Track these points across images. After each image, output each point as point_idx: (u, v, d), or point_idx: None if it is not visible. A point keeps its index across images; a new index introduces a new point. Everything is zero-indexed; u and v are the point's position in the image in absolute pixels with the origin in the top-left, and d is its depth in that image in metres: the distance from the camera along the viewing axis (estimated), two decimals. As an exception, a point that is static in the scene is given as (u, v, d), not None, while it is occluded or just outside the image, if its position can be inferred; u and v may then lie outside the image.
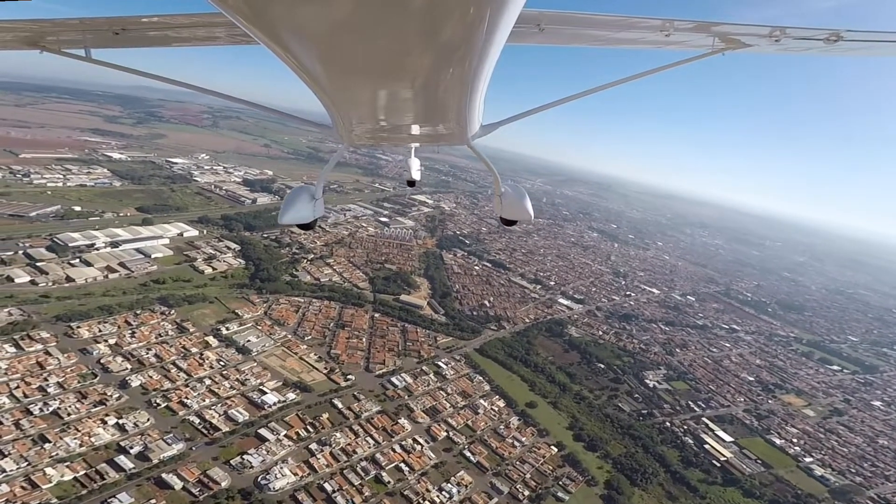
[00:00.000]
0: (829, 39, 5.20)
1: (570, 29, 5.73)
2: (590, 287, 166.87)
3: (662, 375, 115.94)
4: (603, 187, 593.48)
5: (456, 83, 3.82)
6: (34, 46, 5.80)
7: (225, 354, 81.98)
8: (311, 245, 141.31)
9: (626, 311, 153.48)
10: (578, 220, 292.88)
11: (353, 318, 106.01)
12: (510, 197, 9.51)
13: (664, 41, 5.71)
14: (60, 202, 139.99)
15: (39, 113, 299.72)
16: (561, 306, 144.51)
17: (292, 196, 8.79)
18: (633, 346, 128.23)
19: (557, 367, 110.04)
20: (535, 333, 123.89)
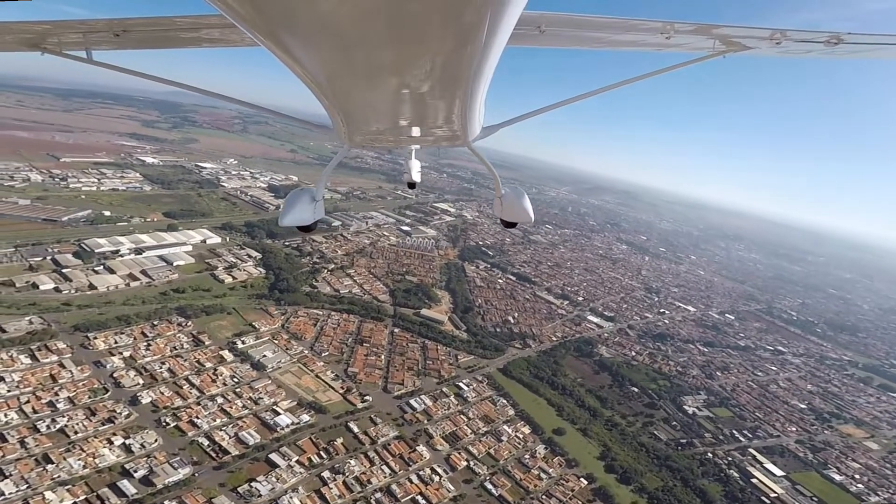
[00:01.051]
0: (830, 42, 5.12)
1: (571, 31, 5.65)
2: (620, 303, 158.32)
3: (703, 401, 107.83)
4: (630, 196, 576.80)
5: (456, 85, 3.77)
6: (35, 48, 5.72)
7: (239, 370, 79.19)
8: (332, 254, 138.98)
9: (661, 330, 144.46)
10: (606, 230, 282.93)
11: (371, 334, 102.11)
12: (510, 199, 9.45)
13: (665, 44, 5.56)
14: (92, 206, 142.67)
15: (84, 118, 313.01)
16: (590, 324, 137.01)
17: (293, 198, 8.53)
18: (669, 369, 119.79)
19: (587, 391, 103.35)
20: (563, 353, 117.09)
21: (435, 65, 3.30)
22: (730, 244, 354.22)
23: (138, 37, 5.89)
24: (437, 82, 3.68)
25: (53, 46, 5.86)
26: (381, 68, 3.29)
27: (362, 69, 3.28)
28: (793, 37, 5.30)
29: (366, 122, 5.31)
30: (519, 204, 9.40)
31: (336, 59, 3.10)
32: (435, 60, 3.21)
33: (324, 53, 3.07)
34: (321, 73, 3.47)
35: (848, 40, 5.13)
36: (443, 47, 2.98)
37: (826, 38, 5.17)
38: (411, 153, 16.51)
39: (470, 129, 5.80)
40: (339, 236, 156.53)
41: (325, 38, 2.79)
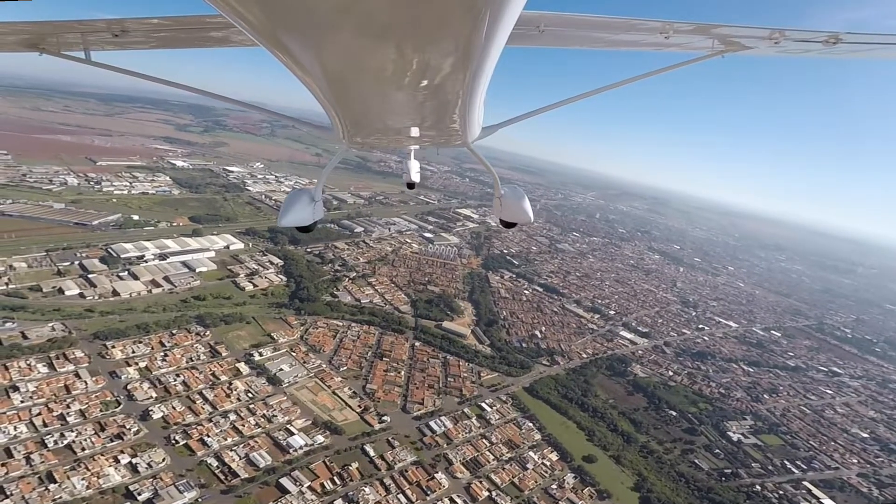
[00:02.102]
0: (829, 41, 5.11)
1: (570, 31, 5.66)
2: (655, 318, 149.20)
3: (749, 427, 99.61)
4: (660, 202, 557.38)
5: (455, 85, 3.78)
6: (34, 48, 5.67)
7: (254, 385, 76.46)
8: (353, 262, 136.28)
9: (700, 347, 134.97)
10: (636, 239, 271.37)
11: (392, 347, 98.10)
12: (510, 199, 9.15)
13: (664, 43, 5.55)
14: (122, 210, 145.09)
15: (123, 122, 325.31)
16: (623, 340, 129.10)
17: (292, 198, 8.30)
18: (710, 391, 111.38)
19: (620, 413, 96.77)
20: (594, 371, 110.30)
21: (434, 65, 3.25)
22: (770, 255, 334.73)
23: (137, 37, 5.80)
24: (436, 83, 3.64)
25: (52, 47, 5.72)
26: (380, 69, 3.25)
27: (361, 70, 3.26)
28: (791, 36, 5.21)
29: (365, 122, 5.24)
30: (518, 204, 9.17)
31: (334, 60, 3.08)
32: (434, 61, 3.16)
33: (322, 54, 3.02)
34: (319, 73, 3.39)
35: (847, 40, 5.05)
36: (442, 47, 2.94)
37: (825, 37, 5.09)
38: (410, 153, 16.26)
39: (469, 129, 5.71)
40: (362, 243, 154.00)
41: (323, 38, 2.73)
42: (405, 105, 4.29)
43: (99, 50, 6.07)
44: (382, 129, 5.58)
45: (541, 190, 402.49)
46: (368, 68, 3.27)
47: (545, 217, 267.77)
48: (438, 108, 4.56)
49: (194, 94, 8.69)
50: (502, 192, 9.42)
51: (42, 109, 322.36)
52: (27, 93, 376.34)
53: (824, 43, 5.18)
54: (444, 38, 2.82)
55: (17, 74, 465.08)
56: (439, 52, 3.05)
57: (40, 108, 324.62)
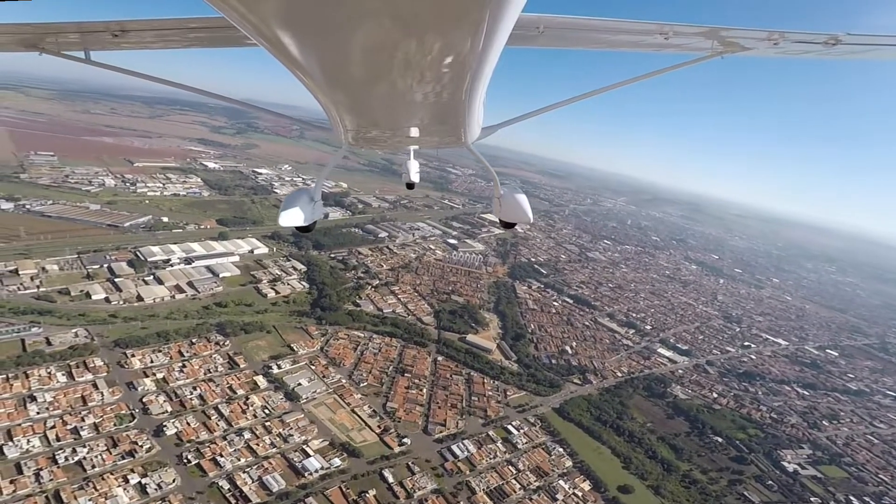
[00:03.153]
0: (828, 43, 5.11)
1: (570, 32, 5.65)
2: (696, 334, 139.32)
3: (806, 457, 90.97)
4: (694, 208, 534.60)
5: (455, 86, 3.80)
6: (34, 48, 5.72)
7: (271, 400, 73.60)
8: (377, 269, 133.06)
9: (747, 367, 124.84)
10: (671, 247, 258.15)
11: (414, 362, 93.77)
12: (509, 199, 9.02)
13: (663, 44, 5.56)
14: (153, 212, 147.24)
15: (163, 124, 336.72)
16: (661, 358, 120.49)
17: (292, 198, 8.28)
18: (761, 415, 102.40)
19: (659, 439, 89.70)
20: (630, 392, 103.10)
21: (433, 65, 3.24)
22: (818, 266, 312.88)
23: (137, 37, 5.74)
24: (436, 83, 3.65)
25: (52, 47, 5.75)
26: (380, 69, 3.25)
27: (361, 70, 3.25)
28: (791, 38, 5.18)
29: (364, 123, 5.24)
30: (517, 204, 8.94)
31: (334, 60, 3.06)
32: (433, 61, 3.15)
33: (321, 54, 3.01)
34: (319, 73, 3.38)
35: (846, 41, 5.02)
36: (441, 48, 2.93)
37: (824, 38, 5.07)
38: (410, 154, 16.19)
39: (469, 129, 5.71)
40: (386, 249, 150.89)
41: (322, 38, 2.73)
42: (405, 105, 4.29)
43: (99, 50, 6.02)
44: (382, 130, 5.51)
45: (569, 195, 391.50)
46: (368, 69, 3.23)
47: (574, 224, 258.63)
48: (438, 109, 4.53)
49: None
50: (502, 192, 9.13)
51: (91, 112, 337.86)
52: (79, 96, 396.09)
53: (824, 44, 5.11)
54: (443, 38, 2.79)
55: (72, 79, 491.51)
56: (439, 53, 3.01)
57: (89, 111, 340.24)
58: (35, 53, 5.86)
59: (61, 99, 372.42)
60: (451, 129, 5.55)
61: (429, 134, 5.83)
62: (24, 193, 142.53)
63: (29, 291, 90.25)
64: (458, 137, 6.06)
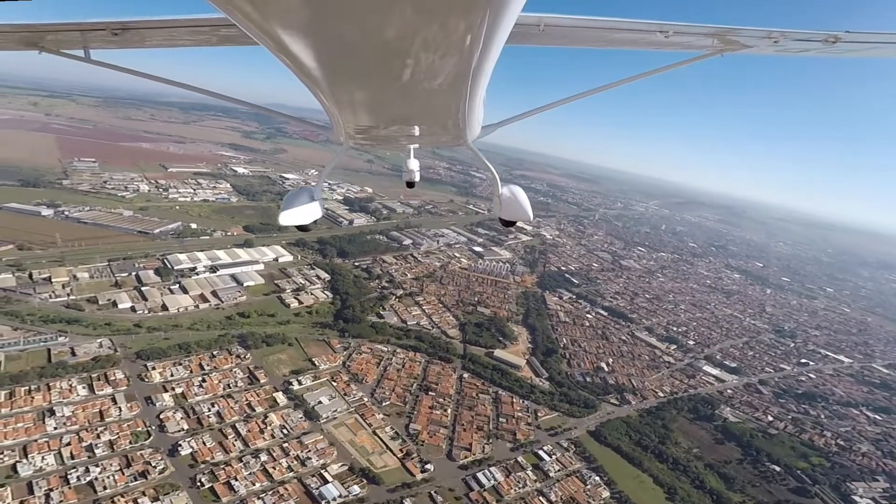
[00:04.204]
0: (828, 41, 5.10)
1: (570, 30, 5.62)
2: (744, 350, 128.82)
3: (882, 491, 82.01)
4: (733, 212, 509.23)
5: (455, 84, 3.80)
6: (33, 47, 5.75)
7: (290, 420, 70.47)
8: (401, 278, 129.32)
9: (806, 387, 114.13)
10: (711, 254, 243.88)
11: (438, 379, 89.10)
12: (509, 198, 8.95)
13: (664, 42, 5.55)
14: (183, 218, 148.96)
15: (197, 129, 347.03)
16: (707, 376, 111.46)
17: (292, 197, 8.52)
18: (825, 442, 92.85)
19: (707, 466, 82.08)
20: (673, 413, 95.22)
21: (434, 64, 3.24)
22: (876, 273, 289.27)
23: (137, 36, 5.71)
24: (437, 82, 3.64)
25: (51, 45, 5.78)
26: (380, 68, 3.26)
27: (361, 69, 3.26)
28: (790, 36, 5.19)
29: (365, 121, 5.26)
30: (518, 202, 8.87)
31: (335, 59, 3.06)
32: (434, 60, 3.15)
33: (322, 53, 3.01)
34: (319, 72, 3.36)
35: (846, 39, 5.02)
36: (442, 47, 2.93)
37: (824, 36, 5.07)
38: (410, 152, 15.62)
39: (470, 128, 5.71)
40: (410, 257, 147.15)
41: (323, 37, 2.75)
42: (405, 104, 4.27)
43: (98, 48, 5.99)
44: (383, 128, 5.51)
45: (598, 198, 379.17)
46: (368, 68, 3.24)
47: (605, 229, 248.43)
48: (439, 107, 4.54)
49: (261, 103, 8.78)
50: (502, 191, 8.96)
51: (132, 118, 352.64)
52: (122, 103, 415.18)
53: (823, 42, 5.11)
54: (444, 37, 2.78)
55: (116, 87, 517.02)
56: (439, 52, 3.00)
57: (131, 118, 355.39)
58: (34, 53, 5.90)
59: (106, 106, 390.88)
60: (451, 127, 5.50)
61: (429, 132, 5.77)
62: (64, 199, 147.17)
63: (60, 299, 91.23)
64: (459, 136, 6.02)
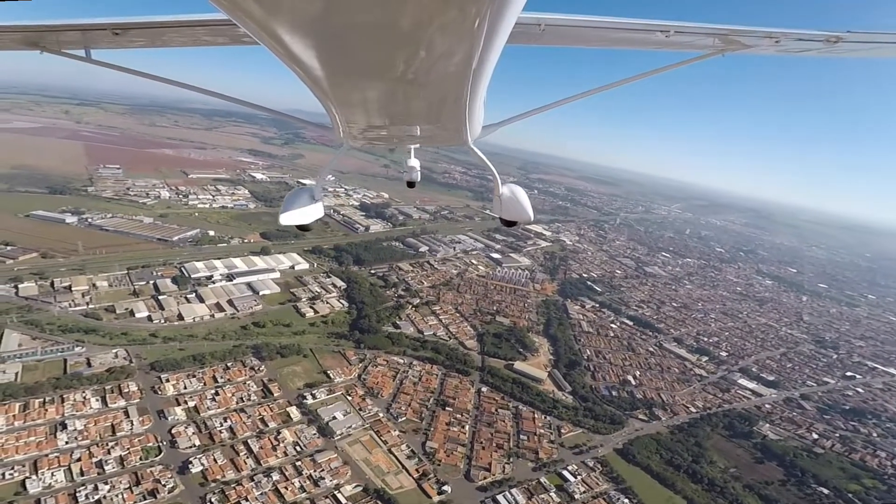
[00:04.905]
0: (829, 41, 5.12)
1: (571, 30, 5.65)
2: (782, 362, 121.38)
3: None
4: (760, 215, 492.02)
5: (456, 84, 3.81)
6: (34, 47, 5.78)
7: (304, 436, 68.03)
8: (417, 286, 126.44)
9: (854, 402, 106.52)
10: (740, 260, 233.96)
11: (456, 393, 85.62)
12: (510, 197, 8.99)
13: (665, 42, 5.55)
14: (201, 225, 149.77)
15: (218, 135, 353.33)
16: (742, 390, 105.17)
17: (293, 197, 8.54)
18: (878, 463, 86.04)
19: (747, 487, 76.66)
20: (708, 430, 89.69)
21: (434, 64, 3.26)
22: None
23: (138, 36, 5.75)
24: (437, 81, 3.68)
25: (52, 45, 5.80)
26: (381, 68, 3.28)
27: (362, 68, 3.27)
28: (792, 35, 5.19)
29: (366, 121, 5.27)
30: (519, 203, 8.90)
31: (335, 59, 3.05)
32: (434, 59, 3.16)
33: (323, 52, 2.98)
34: (320, 72, 3.34)
35: (847, 39, 5.03)
36: (442, 46, 2.94)
37: (825, 36, 5.07)
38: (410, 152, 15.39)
39: (470, 128, 5.69)
40: (426, 264, 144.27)
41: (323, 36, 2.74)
42: (406, 104, 4.27)
43: (99, 48, 6.00)
44: (383, 128, 5.50)
45: (618, 202, 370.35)
46: (369, 67, 3.24)
47: (627, 234, 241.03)
48: (439, 107, 4.54)
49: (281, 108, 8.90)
50: (502, 191, 8.95)
51: (157, 125, 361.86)
52: (147, 110, 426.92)
53: (825, 41, 5.11)
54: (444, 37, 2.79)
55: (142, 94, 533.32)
56: (439, 52, 3.01)
57: (156, 124, 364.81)
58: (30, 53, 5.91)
59: (133, 113, 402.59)
60: (452, 127, 5.47)
61: (430, 132, 5.78)
62: (88, 206, 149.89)
63: (79, 308, 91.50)
64: (460, 136, 5.98)
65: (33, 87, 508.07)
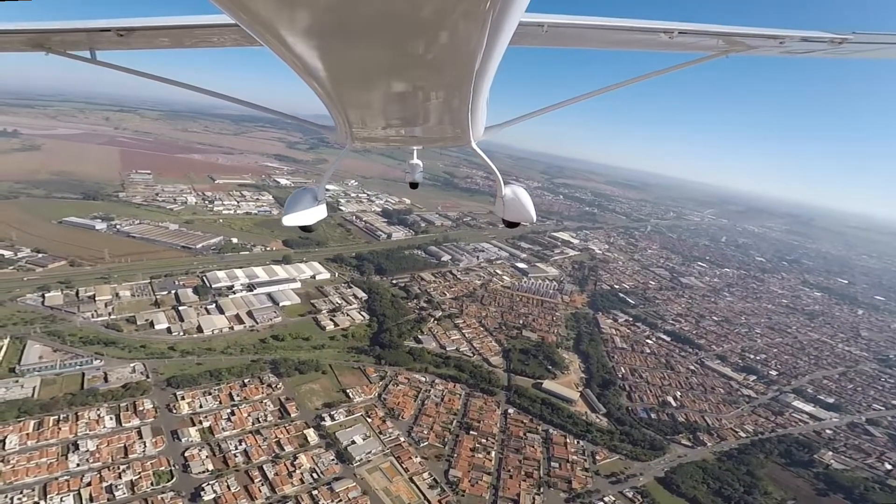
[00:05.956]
0: (834, 42, 5.07)
1: (574, 31, 5.62)
2: (842, 382, 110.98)
3: None
4: (800, 220, 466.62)
5: (459, 85, 3.83)
6: (40, 48, 5.81)
7: (321, 462, 64.05)
8: (440, 297, 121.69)
9: None
10: (783, 270, 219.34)
11: (480, 415, 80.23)
12: (512, 198, 8.87)
13: (669, 43, 5.48)
14: (225, 232, 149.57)
15: (246, 140, 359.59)
16: (798, 413, 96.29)
17: (295, 198, 8.41)
18: None
19: None
20: (760, 458, 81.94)
21: (437, 65, 3.28)
22: None
23: (142, 37, 5.75)
24: (440, 82, 3.70)
25: (58, 47, 5.82)
26: (384, 69, 3.30)
27: (365, 70, 3.27)
28: (796, 37, 5.13)
29: (369, 122, 5.26)
30: (521, 204, 8.78)
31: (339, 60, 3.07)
32: (437, 61, 3.18)
33: (326, 54, 3.02)
34: (324, 73, 3.38)
35: (853, 40, 4.99)
36: (445, 48, 2.96)
37: (830, 38, 5.03)
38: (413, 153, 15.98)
39: (473, 128, 5.72)
40: (449, 274, 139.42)
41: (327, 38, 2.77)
42: (409, 105, 4.30)
43: (104, 49, 5.99)
44: (386, 129, 5.52)
45: (647, 207, 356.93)
46: (373, 69, 3.26)
47: (659, 242, 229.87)
48: (442, 108, 4.55)
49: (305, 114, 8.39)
50: (505, 192, 8.81)
51: (188, 130, 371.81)
52: (181, 116, 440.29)
53: (830, 42, 5.07)
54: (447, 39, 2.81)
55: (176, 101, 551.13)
56: (443, 52, 3.02)
57: (188, 130, 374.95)
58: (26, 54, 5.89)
59: (167, 119, 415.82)
60: (455, 128, 5.46)
61: (433, 133, 5.79)
62: (118, 213, 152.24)
63: (101, 319, 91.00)
64: (463, 136, 5.97)
65: (79, 95, 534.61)
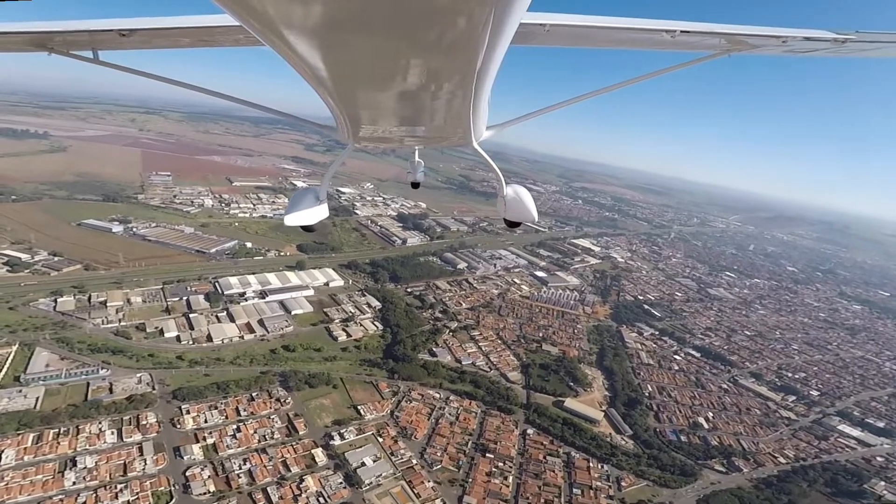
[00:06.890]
0: (837, 40, 5.09)
1: (576, 31, 5.65)
2: (892, 405, 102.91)
3: None
4: (833, 228, 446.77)
5: (461, 85, 3.84)
6: (42, 48, 5.84)
7: (329, 485, 60.26)
8: (455, 307, 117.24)
9: None
10: (817, 281, 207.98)
11: (497, 436, 75.41)
12: (514, 198, 8.90)
13: (671, 42, 5.49)
14: (240, 236, 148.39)
15: (265, 142, 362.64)
16: (845, 438, 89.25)
17: (297, 198, 8.42)
18: None
19: None
20: (803, 486, 75.79)
21: (439, 64, 3.31)
22: None
23: (145, 37, 5.78)
24: (442, 82, 3.72)
25: (60, 47, 5.85)
26: (386, 68, 3.29)
27: (367, 69, 3.28)
28: (799, 36, 5.14)
29: (371, 121, 5.30)
30: (523, 204, 8.80)
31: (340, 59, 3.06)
32: (439, 60, 3.20)
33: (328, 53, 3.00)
34: (325, 72, 3.37)
35: (855, 39, 5.01)
36: (447, 47, 2.95)
37: (833, 37, 5.05)
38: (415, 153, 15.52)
39: (475, 128, 5.75)
40: (465, 282, 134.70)
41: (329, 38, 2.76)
42: (410, 105, 4.31)
43: (107, 49, 6.01)
44: (388, 129, 5.55)
45: (670, 213, 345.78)
46: (374, 68, 3.27)
47: (684, 250, 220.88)
48: (444, 108, 4.56)
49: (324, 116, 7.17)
50: (506, 192, 8.86)
51: (210, 132, 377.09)
52: (203, 118, 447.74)
53: (832, 42, 5.08)
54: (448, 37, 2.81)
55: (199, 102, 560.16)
56: (444, 52, 3.02)
57: (209, 132, 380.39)
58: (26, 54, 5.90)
59: (189, 120, 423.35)
60: (457, 127, 5.51)
61: (435, 133, 5.82)
62: (136, 215, 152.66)
63: (110, 325, 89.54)
64: (464, 136, 6.01)
65: (108, 96, 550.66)
